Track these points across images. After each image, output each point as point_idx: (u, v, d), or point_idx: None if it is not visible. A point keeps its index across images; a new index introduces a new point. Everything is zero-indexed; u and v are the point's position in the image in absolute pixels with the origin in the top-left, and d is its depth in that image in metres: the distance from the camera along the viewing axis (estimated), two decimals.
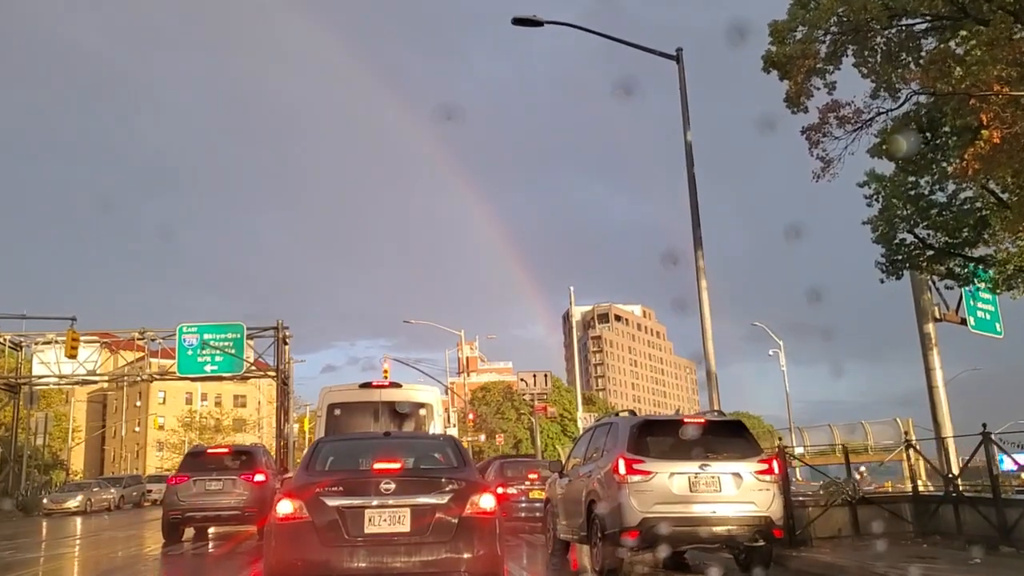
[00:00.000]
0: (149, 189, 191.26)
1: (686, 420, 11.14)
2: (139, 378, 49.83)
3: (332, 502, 7.44)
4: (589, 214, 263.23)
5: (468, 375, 71.10)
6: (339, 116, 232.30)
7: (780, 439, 16.64)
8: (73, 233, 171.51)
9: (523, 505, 19.04)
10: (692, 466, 10.32)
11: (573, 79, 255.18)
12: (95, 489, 40.19)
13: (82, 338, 38.75)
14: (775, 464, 10.77)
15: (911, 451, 13.66)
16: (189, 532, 19.28)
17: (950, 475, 12.76)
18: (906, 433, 15.74)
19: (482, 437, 75.07)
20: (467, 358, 70.41)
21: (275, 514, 7.55)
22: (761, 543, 10.44)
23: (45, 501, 37.81)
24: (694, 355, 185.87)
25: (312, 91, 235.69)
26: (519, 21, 17.68)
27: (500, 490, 18.59)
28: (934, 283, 21.06)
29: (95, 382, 50.03)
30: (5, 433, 45.64)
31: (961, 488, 12.44)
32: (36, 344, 42.78)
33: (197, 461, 19.38)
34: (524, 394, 47.24)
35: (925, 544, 11.88)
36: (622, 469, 10.31)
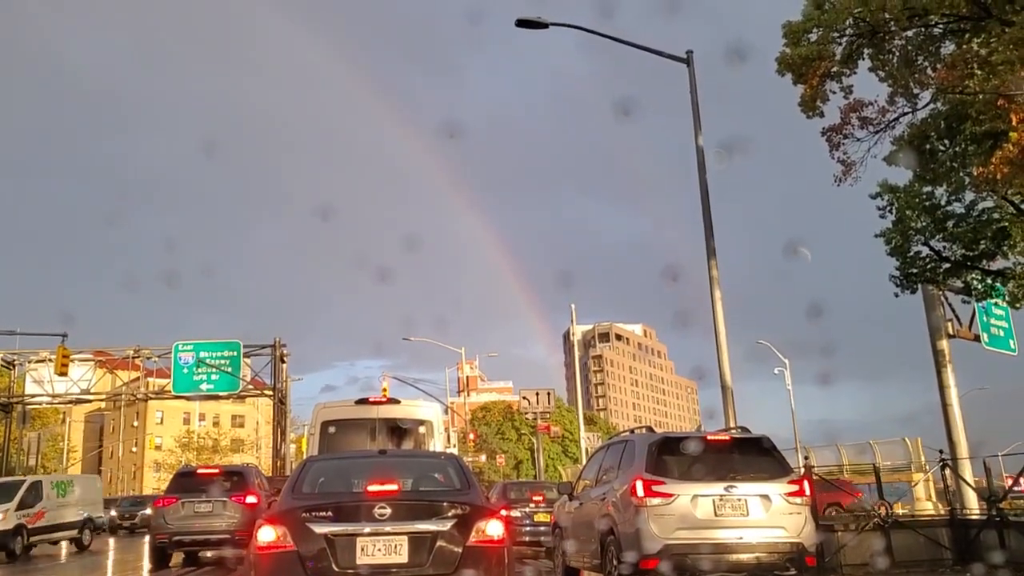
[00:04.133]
0: (148, 206, 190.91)
1: (709, 437, 10.31)
2: (135, 397, 48.94)
3: (320, 529, 6.61)
4: (590, 232, 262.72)
5: (468, 394, 70.28)
6: (342, 135, 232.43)
7: (807, 457, 15.78)
8: (68, 251, 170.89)
9: (527, 528, 18.27)
10: (717, 488, 9.48)
11: (574, 98, 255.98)
12: None
13: (75, 356, 37.98)
14: (806, 485, 9.92)
15: (947, 471, 12.81)
16: (178, 557, 18.39)
17: (992, 497, 11.88)
18: (941, 452, 14.85)
19: (483, 457, 73.99)
20: (467, 377, 69.55)
21: (256, 542, 6.72)
22: (792, 572, 9.56)
23: None
24: (695, 373, 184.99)
25: (314, 109, 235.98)
26: (523, 23, 17.07)
27: (503, 512, 17.75)
28: (947, 299, 20.50)
29: (89, 401, 49.06)
30: None
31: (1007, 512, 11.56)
32: (29, 362, 41.95)
33: (186, 482, 18.55)
34: (526, 413, 46.31)
35: (968, 574, 11.00)
36: (640, 491, 9.46)
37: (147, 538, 18.00)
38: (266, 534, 6.66)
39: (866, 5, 15.51)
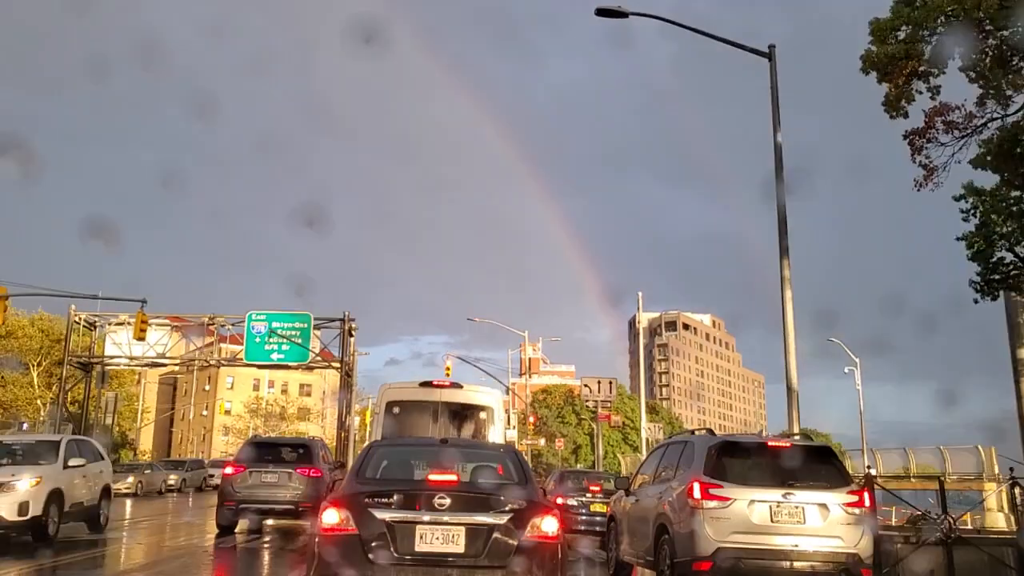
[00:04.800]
0: (227, 179, 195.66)
1: (770, 443, 10.26)
2: (207, 363, 50.52)
3: (381, 515, 6.82)
4: (661, 220, 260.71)
5: (530, 377, 70.54)
6: (413, 115, 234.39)
7: (869, 467, 15.51)
8: (150, 220, 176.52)
9: (583, 517, 18.39)
10: (774, 494, 9.44)
11: (649, 84, 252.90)
12: (146, 471, 39.55)
13: (152, 321, 39.27)
14: (866, 496, 9.80)
15: (1016, 489, 12.44)
16: (244, 524, 18.99)
17: None
18: (1011, 470, 14.38)
19: (542, 441, 74.35)
20: (529, 359, 69.88)
21: (320, 523, 6.98)
22: None
23: None
24: (764, 367, 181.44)
25: (387, 90, 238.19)
26: (603, 12, 16.93)
27: (559, 500, 17.96)
28: None
29: (164, 365, 50.92)
30: (77, 410, 46.75)
31: None
32: (109, 325, 43.68)
33: (254, 451, 19.12)
34: (587, 400, 46.37)
35: None
36: (697, 493, 9.49)
37: (216, 505, 18.46)
38: (330, 516, 6.90)
39: (960, 3, 15.03)
